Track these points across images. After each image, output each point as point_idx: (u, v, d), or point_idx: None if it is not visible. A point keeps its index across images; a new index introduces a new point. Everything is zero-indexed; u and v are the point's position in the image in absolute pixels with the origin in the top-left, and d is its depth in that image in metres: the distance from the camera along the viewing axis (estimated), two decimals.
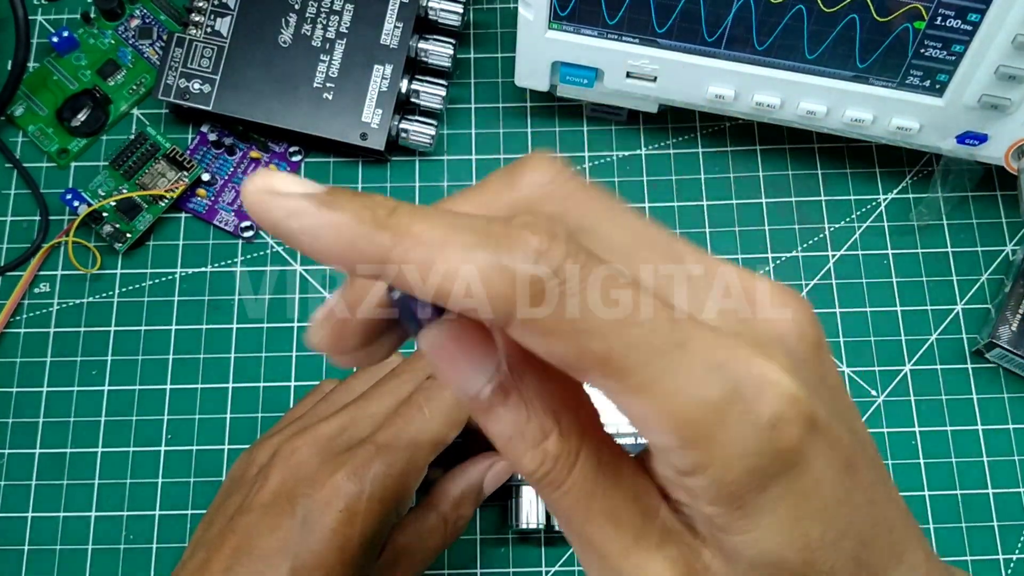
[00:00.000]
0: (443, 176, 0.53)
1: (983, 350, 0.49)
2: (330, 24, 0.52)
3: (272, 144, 0.54)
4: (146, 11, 0.56)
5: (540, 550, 0.47)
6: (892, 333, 0.50)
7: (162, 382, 0.50)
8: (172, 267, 0.51)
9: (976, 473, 0.48)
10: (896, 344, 0.50)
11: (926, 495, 0.47)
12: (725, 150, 0.54)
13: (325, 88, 0.52)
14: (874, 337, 0.50)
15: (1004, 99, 0.44)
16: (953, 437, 0.49)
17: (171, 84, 0.52)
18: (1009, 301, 0.49)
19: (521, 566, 0.46)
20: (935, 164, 0.52)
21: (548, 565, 0.47)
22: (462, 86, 0.55)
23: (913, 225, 0.52)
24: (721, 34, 0.45)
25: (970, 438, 0.48)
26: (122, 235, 0.51)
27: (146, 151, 0.53)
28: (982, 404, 0.49)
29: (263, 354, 0.50)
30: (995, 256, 0.52)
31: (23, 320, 0.51)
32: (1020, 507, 0.47)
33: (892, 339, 0.50)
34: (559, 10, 0.46)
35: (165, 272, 0.51)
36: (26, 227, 0.52)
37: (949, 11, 0.42)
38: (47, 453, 0.48)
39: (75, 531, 0.47)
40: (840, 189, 0.53)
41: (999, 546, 0.46)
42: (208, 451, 0.49)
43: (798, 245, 0.52)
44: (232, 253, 0.52)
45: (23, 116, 0.54)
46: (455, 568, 0.46)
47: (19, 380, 0.50)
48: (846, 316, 0.51)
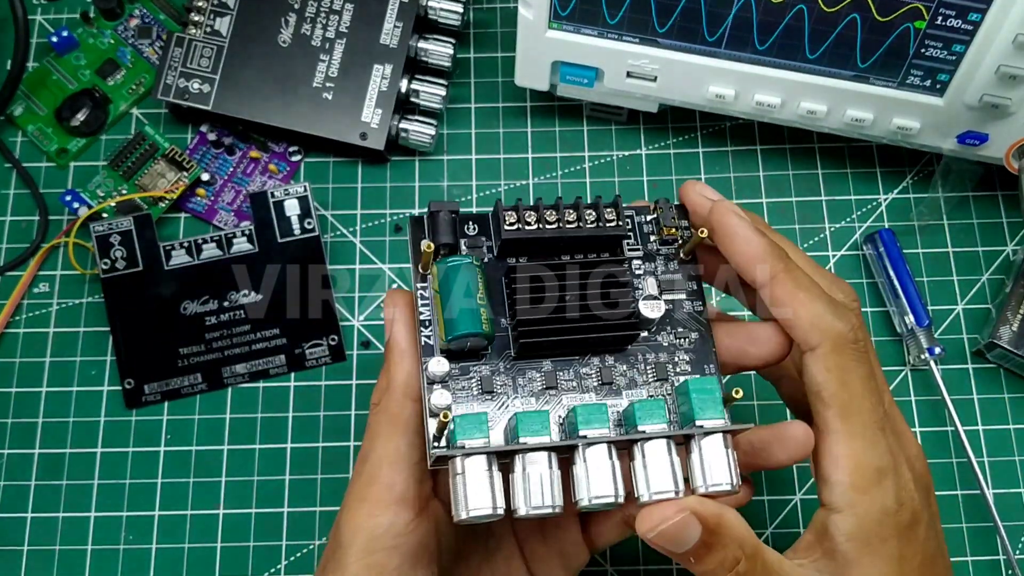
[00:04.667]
0: (443, 176, 0.53)
1: (984, 350, 0.49)
2: (330, 24, 0.52)
3: (272, 144, 0.54)
4: (145, 11, 0.55)
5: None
6: (893, 333, 0.50)
7: None
8: None
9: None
10: (897, 344, 0.50)
11: None
12: (725, 150, 0.54)
13: (325, 88, 0.51)
14: (874, 337, 0.50)
15: (1005, 99, 0.44)
16: (953, 437, 0.48)
17: (170, 84, 0.52)
18: (1010, 301, 0.49)
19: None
20: (935, 164, 0.52)
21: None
22: (462, 86, 0.55)
23: (914, 225, 0.52)
24: (722, 34, 0.45)
25: (970, 438, 0.48)
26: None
27: (145, 151, 0.53)
28: (983, 404, 0.49)
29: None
30: (995, 256, 0.52)
31: (22, 320, 0.51)
32: (1020, 507, 0.47)
33: (893, 339, 0.50)
34: (559, 10, 0.46)
35: None
36: (25, 227, 0.52)
37: (950, 11, 0.42)
38: (46, 453, 0.48)
39: (74, 531, 0.47)
40: (840, 189, 0.53)
41: (999, 546, 0.46)
42: (207, 451, 0.48)
43: (798, 245, 0.52)
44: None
45: (22, 116, 0.54)
46: None
47: (18, 380, 0.50)
48: None
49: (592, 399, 0.34)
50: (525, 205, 0.34)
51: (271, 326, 0.50)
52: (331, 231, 0.52)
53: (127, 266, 0.49)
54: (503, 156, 0.54)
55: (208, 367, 0.49)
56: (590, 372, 0.34)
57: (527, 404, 0.33)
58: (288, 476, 0.48)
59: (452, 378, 0.33)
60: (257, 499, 0.48)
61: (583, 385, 0.34)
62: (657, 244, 0.37)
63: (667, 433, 0.31)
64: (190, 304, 0.49)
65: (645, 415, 0.32)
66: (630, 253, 0.36)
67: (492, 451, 0.30)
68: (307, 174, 0.53)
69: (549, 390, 0.34)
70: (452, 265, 0.33)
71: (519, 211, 0.34)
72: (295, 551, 0.47)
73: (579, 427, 0.31)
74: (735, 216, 0.34)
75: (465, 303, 0.32)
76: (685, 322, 0.36)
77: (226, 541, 0.47)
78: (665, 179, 0.53)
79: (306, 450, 0.49)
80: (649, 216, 0.37)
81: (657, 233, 0.37)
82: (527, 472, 0.30)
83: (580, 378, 0.34)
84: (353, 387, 0.50)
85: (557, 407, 0.34)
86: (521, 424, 0.31)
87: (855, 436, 0.32)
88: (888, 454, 0.33)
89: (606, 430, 0.31)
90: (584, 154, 0.54)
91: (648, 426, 0.31)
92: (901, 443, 0.34)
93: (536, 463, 0.30)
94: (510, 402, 0.33)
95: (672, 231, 0.36)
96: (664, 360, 0.35)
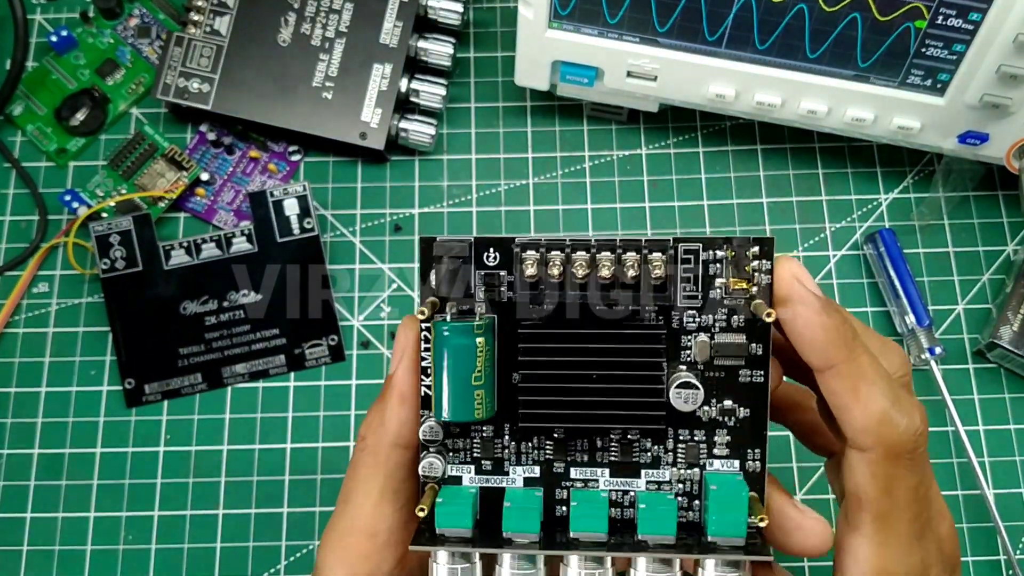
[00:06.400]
0: (443, 175, 0.53)
1: (984, 350, 0.49)
2: (329, 23, 0.52)
3: (271, 143, 0.54)
4: (145, 10, 0.55)
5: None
6: (893, 333, 0.50)
7: None
8: None
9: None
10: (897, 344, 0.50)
11: None
12: (726, 149, 0.54)
13: (324, 87, 0.51)
14: None
15: (1005, 98, 0.44)
16: (954, 437, 0.48)
17: (170, 83, 0.52)
18: (1010, 301, 0.49)
19: None
20: (936, 164, 0.52)
21: None
22: (462, 85, 0.55)
23: (914, 225, 0.52)
24: (722, 33, 0.45)
25: (971, 438, 0.48)
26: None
27: (145, 150, 0.53)
28: (983, 404, 0.49)
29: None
30: (996, 256, 0.52)
31: (22, 320, 0.51)
32: (1020, 507, 0.47)
33: (893, 339, 0.50)
34: (559, 9, 0.46)
35: None
36: (25, 227, 0.52)
37: (950, 10, 0.42)
38: (46, 454, 0.48)
39: (74, 531, 0.47)
40: (841, 189, 0.53)
41: (1000, 546, 0.46)
42: (207, 451, 0.48)
43: (799, 245, 0.52)
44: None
45: (21, 115, 0.54)
46: None
47: (18, 380, 0.50)
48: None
49: (605, 479, 0.30)
50: (550, 242, 0.29)
51: (271, 326, 0.50)
52: (331, 231, 0.52)
53: (127, 266, 0.49)
54: (503, 156, 0.54)
55: (208, 367, 0.49)
56: (607, 442, 0.30)
57: (530, 472, 0.30)
58: (288, 476, 0.48)
59: (451, 436, 0.30)
60: (257, 499, 0.48)
61: (597, 458, 0.30)
62: (722, 293, 0.29)
63: (670, 552, 0.28)
64: (190, 304, 0.49)
65: (650, 522, 0.28)
66: (684, 302, 0.29)
67: (472, 551, 0.28)
68: (307, 174, 0.53)
69: (556, 462, 0.30)
70: (448, 337, 0.28)
71: (542, 254, 0.29)
72: (294, 551, 0.47)
73: (572, 527, 0.28)
74: (806, 307, 0.29)
75: (460, 384, 0.28)
76: (736, 394, 0.30)
77: (226, 541, 0.47)
78: (665, 179, 0.53)
79: (306, 450, 0.48)
80: (719, 253, 0.29)
81: (728, 276, 0.29)
82: (511, 572, 0.28)
83: (594, 450, 0.30)
84: (353, 387, 0.50)
85: (564, 482, 0.30)
86: (508, 516, 0.28)
87: (887, 545, 0.29)
88: (920, 565, 0.30)
89: (601, 535, 0.28)
90: (584, 154, 0.54)
91: (650, 537, 0.28)
92: (935, 531, 0.31)
93: (521, 566, 0.28)
94: (511, 468, 0.30)
95: (743, 283, 0.29)
96: (700, 439, 0.30)
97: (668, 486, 0.30)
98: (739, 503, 0.28)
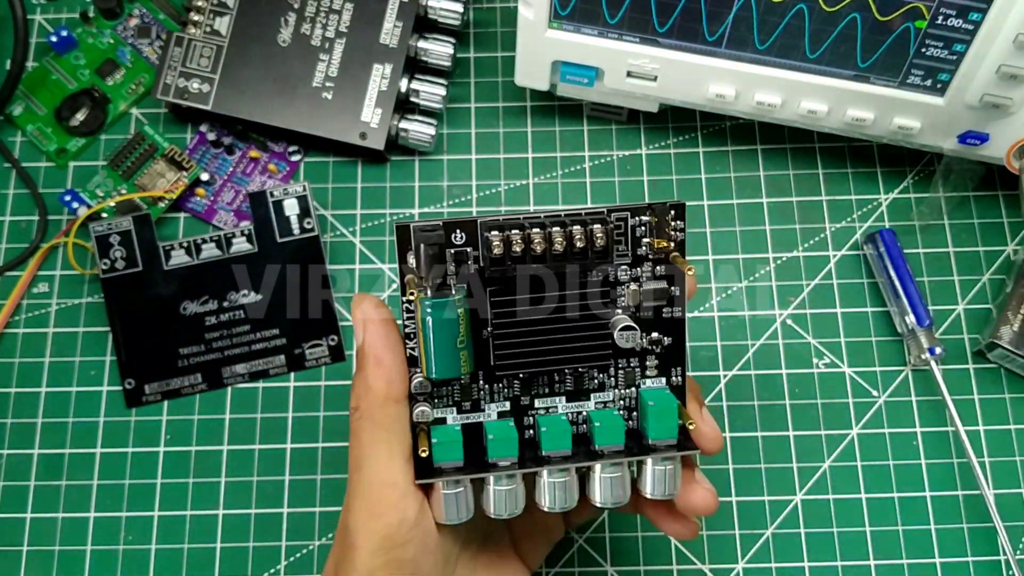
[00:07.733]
0: (443, 176, 0.53)
1: (984, 350, 0.49)
2: (329, 23, 0.52)
3: (271, 143, 0.54)
4: (145, 10, 0.55)
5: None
6: (893, 333, 0.50)
7: None
8: None
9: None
10: (897, 344, 0.50)
11: (927, 495, 0.47)
12: (726, 149, 0.54)
13: (324, 87, 0.51)
14: (875, 337, 0.50)
15: (1005, 98, 0.44)
16: (954, 437, 0.48)
17: (170, 83, 0.52)
18: (1010, 301, 0.49)
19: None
20: (936, 164, 0.52)
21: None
22: (462, 85, 0.55)
23: (914, 225, 0.52)
24: (722, 33, 0.45)
25: (971, 438, 0.48)
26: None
27: (145, 150, 0.53)
28: (983, 404, 0.49)
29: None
30: (996, 256, 0.52)
31: (22, 320, 0.51)
32: (1021, 507, 0.47)
33: (893, 339, 0.50)
34: (559, 9, 0.46)
35: None
36: (24, 227, 0.52)
37: (950, 10, 0.42)
38: (46, 454, 0.48)
39: (74, 532, 0.47)
40: (841, 189, 0.53)
41: (1000, 546, 0.46)
42: (207, 452, 0.48)
43: (799, 245, 0.52)
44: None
45: (21, 115, 0.54)
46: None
47: (18, 380, 0.50)
48: (847, 316, 0.51)
49: (562, 404, 0.36)
50: (508, 220, 0.34)
51: (271, 326, 0.50)
52: (331, 231, 0.52)
53: (127, 266, 0.49)
54: (503, 156, 0.54)
55: (208, 367, 0.49)
56: (563, 376, 0.36)
57: (502, 407, 0.36)
58: (288, 476, 0.48)
59: (437, 386, 0.36)
60: (257, 499, 0.48)
61: (555, 388, 0.36)
62: (648, 251, 0.35)
63: (621, 457, 0.35)
64: (190, 304, 0.49)
65: (604, 436, 0.35)
66: (618, 260, 0.35)
67: (466, 477, 0.35)
68: (307, 174, 0.53)
69: (522, 396, 0.36)
70: (434, 310, 0.33)
71: (504, 231, 0.33)
72: (295, 551, 0.47)
73: (543, 447, 0.35)
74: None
75: (446, 349, 0.33)
76: (661, 327, 0.36)
77: (226, 541, 0.47)
78: (665, 179, 0.53)
79: (306, 450, 0.48)
80: (644, 218, 0.35)
81: (652, 237, 0.35)
82: (496, 488, 0.35)
83: (553, 383, 0.36)
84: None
85: (530, 411, 0.36)
86: (491, 446, 0.34)
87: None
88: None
89: (567, 451, 0.35)
90: (584, 154, 0.54)
91: (605, 447, 0.35)
92: None
93: (504, 482, 0.35)
94: (487, 406, 0.36)
95: (663, 242, 0.35)
96: (635, 365, 0.36)
97: (612, 404, 0.36)
98: (671, 413, 0.35)
